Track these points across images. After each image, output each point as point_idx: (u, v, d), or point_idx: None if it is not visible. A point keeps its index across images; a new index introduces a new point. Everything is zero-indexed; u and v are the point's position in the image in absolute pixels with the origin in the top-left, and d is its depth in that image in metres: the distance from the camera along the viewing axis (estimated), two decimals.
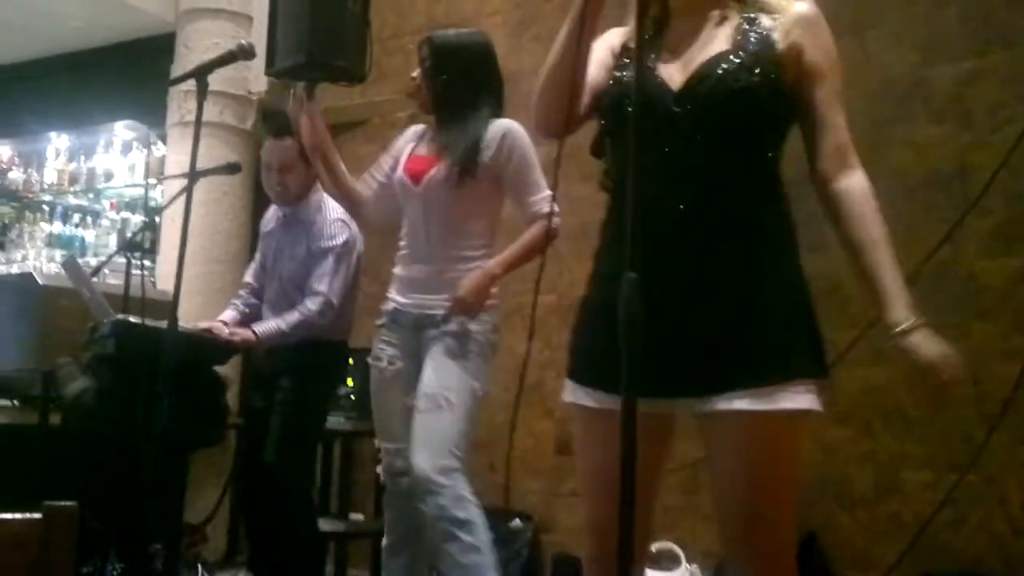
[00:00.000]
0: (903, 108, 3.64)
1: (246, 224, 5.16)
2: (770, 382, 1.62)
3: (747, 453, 1.65)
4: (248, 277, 3.94)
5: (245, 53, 2.96)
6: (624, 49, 1.84)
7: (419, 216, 2.99)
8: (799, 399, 1.63)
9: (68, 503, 1.36)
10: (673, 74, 1.72)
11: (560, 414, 4.21)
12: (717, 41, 1.74)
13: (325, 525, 4.01)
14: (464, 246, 2.96)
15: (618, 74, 1.80)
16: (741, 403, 1.62)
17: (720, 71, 1.69)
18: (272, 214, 3.89)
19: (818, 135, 1.75)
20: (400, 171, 3.07)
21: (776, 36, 1.72)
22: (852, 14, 3.78)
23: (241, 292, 3.91)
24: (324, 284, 3.58)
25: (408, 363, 2.97)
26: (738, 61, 1.69)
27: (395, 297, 3.03)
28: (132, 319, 3.36)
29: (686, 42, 1.76)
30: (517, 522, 4.10)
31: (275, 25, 4.63)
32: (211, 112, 4.91)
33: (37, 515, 1.33)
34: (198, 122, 2.87)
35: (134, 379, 3.16)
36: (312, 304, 3.57)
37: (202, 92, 2.89)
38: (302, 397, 3.60)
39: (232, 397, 4.34)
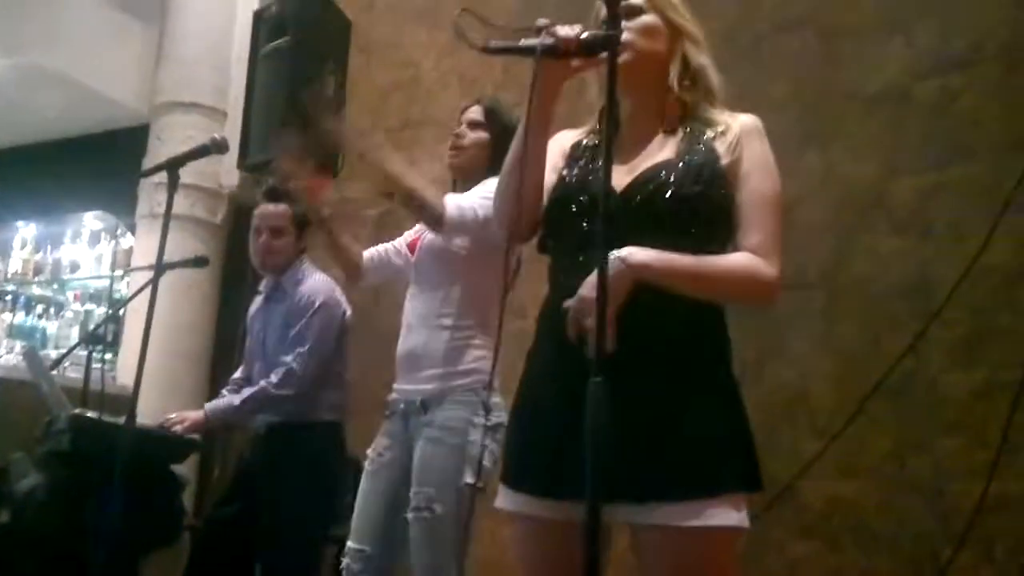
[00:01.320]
0: (866, 219, 3.69)
1: (211, 319, 5.12)
2: (698, 496, 1.59)
3: (674, 568, 1.61)
4: (237, 373, 3.81)
5: (218, 147, 2.96)
6: (573, 149, 1.88)
7: (412, 291, 2.87)
8: (727, 515, 1.60)
9: None
10: (619, 177, 1.73)
11: None
12: (664, 150, 1.78)
13: None
14: (445, 314, 2.76)
15: (564, 173, 1.83)
16: (667, 517, 1.58)
17: (663, 177, 1.72)
18: (257, 300, 3.81)
19: (739, 234, 1.74)
20: (405, 251, 3.00)
21: (721, 150, 1.76)
22: (816, 126, 3.86)
23: (223, 391, 3.78)
24: (291, 354, 3.45)
25: (398, 456, 2.77)
26: (682, 169, 1.72)
27: (394, 385, 2.86)
28: (89, 414, 3.29)
29: (634, 150, 1.80)
30: None
31: (249, 120, 4.70)
32: (181, 205, 4.91)
33: None
34: (167, 214, 2.86)
35: (88, 476, 3.08)
36: (273, 376, 3.43)
37: (173, 184, 2.88)
38: (293, 492, 3.36)
39: (188, 497, 4.24)
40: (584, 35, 1.65)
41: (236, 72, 5.23)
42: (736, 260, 1.72)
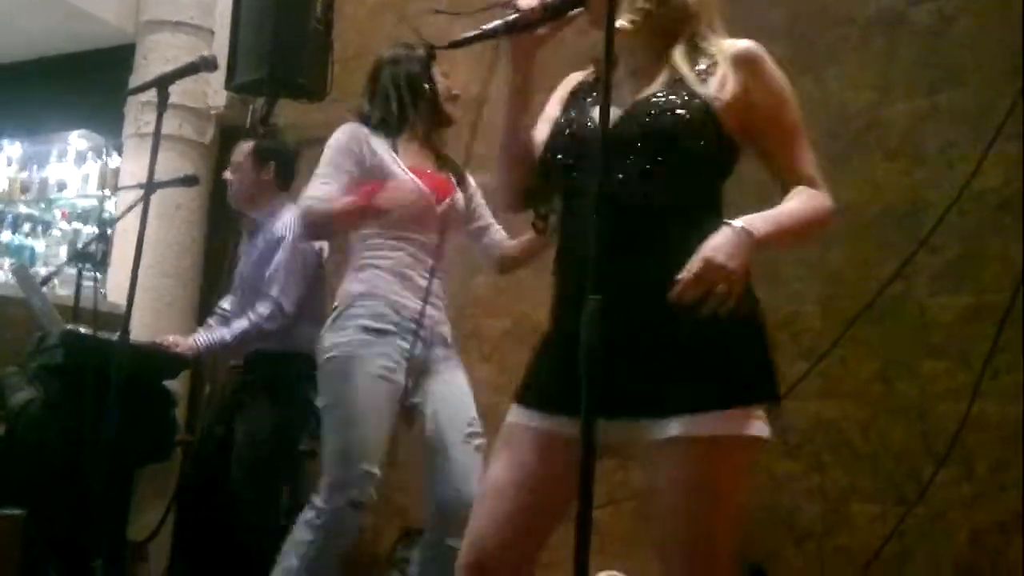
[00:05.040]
0: (858, 145, 3.69)
1: (198, 239, 5.10)
2: (707, 407, 1.60)
3: (685, 481, 1.62)
4: (223, 303, 3.87)
5: (207, 65, 2.94)
6: (570, 96, 1.90)
7: (433, 233, 2.89)
8: (738, 425, 1.61)
9: (15, 510, 1.32)
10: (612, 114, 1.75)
11: None
12: (653, 83, 1.76)
13: None
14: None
15: (560, 120, 1.85)
16: (676, 429, 1.60)
17: (650, 110, 1.71)
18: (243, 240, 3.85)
19: (783, 174, 1.77)
20: (414, 178, 2.88)
21: (707, 88, 1.72)
22: (810, 52, 3.84)
23: (209, 320, 3.83)
24: (275, 287, 3.48)
25: (403, 378, 2.80)
26: (665, 102, 1.71)
27: (407, 302, 2.82)
28: (82, 330, 3.31)
29: (625, 85, 1.79)
30: None
31: (236, 40, 4.64)
32: (169, 125, 4.85)
33: None
34: (157, 133, 2.85)
35: (81, 391, 3.11)
36: (262, 308, 3.47)
37: (162, 103, 2.86)
38: (267, 423, 3.47)
39: (179, 413, 4.27)
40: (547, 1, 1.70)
41: None
42: (812, 202, 1.73)
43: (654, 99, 1.73)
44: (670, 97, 1.72)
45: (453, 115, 3.01)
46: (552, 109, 1.90)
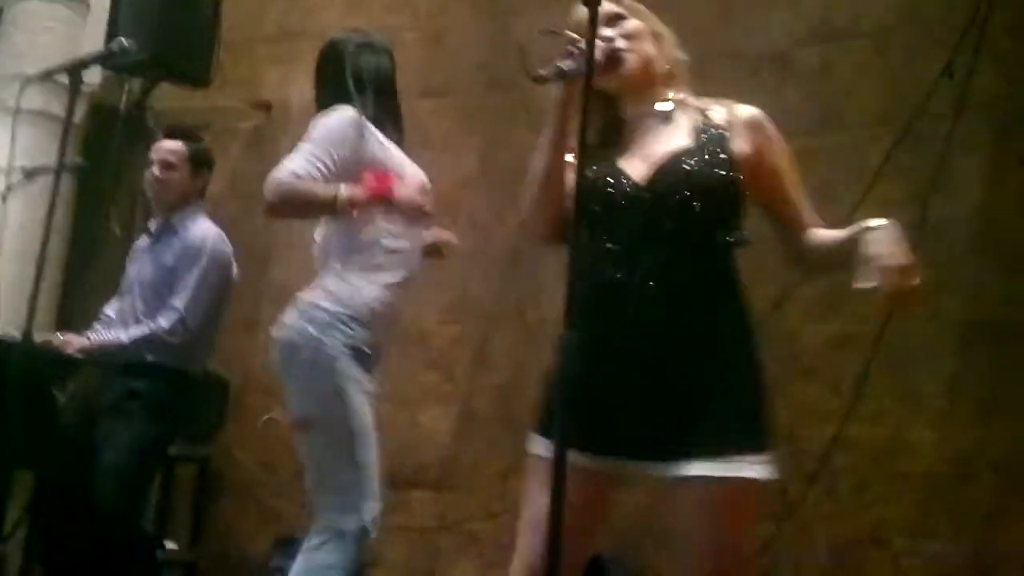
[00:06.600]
0: None
1: (66, 223, 4.88)
2: (730, 452, 1.74)
3: (713, 516, 1.75)
4: (107, 309, 3.71)
5: (124, 52, 2.84)
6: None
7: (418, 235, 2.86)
8: (757, 468, 1.76)
9: None
10: (637, 167, 1.87)
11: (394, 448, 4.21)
12: (676, 136, 1.89)
13: None
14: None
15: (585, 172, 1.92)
16: (703, 469, 1.73)
17: (684, 166, 1.84)
18: (144, 237, 3.68)
19: (798, 215, 2.04)
20: (423, 177, 2.86)
21: (730, 136, 1.89)
22: (700, 84, 4.01)
23: (96, 324, 3.67)
24: (181, 300, 3.37)
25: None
26: (700, 157, 1.85)
27: (372, 340, 2.71)
28: None
29: (644, 138, 1.91)
30: None
31: (117, 16, 4.45)
32: (36, 101, 4.61)
33: None
34: (68, 119, 2.81)
35: None
36: (164, 320, 3.36)
37: (75, 88, 2.76)
38: (142, 437, 3.34)
39: None
40: (611, 54, 1.83)
41: None
42: None
43: (686, 156, 1.85)
44: (704, 151, 1.86)
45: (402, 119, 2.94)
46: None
